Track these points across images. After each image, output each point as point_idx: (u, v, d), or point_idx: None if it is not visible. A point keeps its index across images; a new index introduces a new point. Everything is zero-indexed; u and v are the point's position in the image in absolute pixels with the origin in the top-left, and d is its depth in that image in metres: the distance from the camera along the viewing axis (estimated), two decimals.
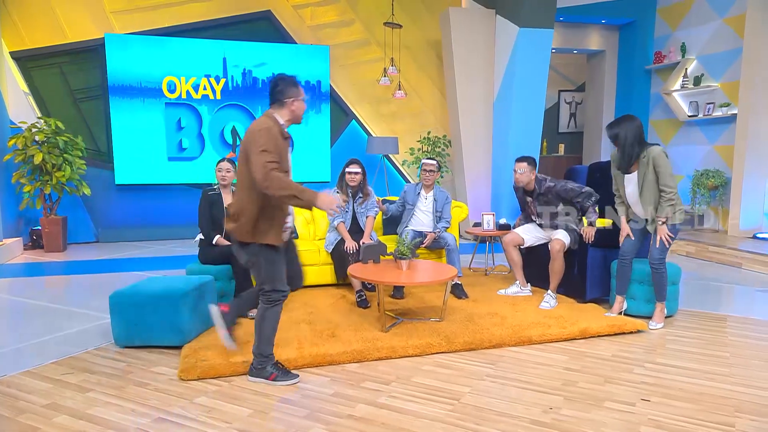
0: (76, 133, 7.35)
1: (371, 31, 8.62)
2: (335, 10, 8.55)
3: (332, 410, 2.71)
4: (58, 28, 7.48)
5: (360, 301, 4.39)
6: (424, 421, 2.61)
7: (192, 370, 3.07)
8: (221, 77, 7.97)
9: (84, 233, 7.73)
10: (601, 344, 3.70)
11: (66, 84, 7.62)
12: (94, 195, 7.56)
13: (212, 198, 4.32)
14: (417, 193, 5.04)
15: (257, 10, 8.20)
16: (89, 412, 2.66)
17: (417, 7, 8.78)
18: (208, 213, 4.28)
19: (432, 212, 4.98)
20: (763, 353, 3.53)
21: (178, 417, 2.62)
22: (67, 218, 7.26)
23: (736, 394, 2.91)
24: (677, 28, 8.26)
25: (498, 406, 2.78)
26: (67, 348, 3.55)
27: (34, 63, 7.47)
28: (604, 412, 2.72)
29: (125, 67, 7.55)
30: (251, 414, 2.65)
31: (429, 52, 8.93)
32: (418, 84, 8.95)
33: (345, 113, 8.78)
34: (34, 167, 6.76)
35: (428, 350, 3.49)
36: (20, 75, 7.43)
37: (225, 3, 8.03)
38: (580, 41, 9.25)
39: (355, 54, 8.69)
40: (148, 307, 3.42)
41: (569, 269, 4.62)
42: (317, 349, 3.39)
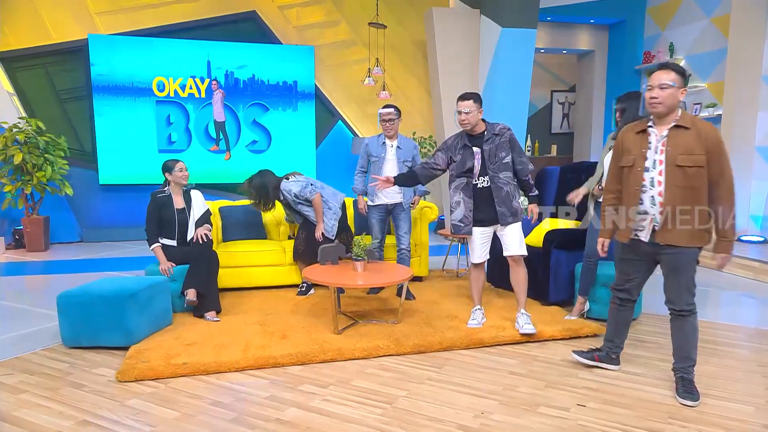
0: (60, 133, 7.41)
1: (357, 31, 8.60)
2: (321, 10, 8.54)
3: (261, 414, 2.69)
4: (43, 28, 7.53)
5: (301, 291, 4.73)
6: (350, 425, 2.59)
7: (130, 372, 3.06)
8: (205, 78, 7.99)
9: (68, 233, 7.78)
10: (555, 348, 3.65)
11: (51, 84, 7.68)
12: (79, 195, 7.61)
13: (161, 200, 4.30)
14: (381, 144, 4.62)
15: (242, 11, 8.21)
16: (15, 414, 2.66)
17: (403, 7, 8.75)
18: (156, 216, 4.26)
19: (398, 161, 4.59)
20: (715, 358, 3.47)
21: (104, 420, 2.61)
22: (49, 218, 7.31)
23: (675, 400, 2.85)
24: (666, 28, 8.16)
25: (429, 410, 2.75)
26: (17, 348, 3.56)
27: (19, 63, 7.53)
28: (535, 418, 2.68)
29: (110, 67, 7.60)
30: (178, 417, 2.65)
31: (416, 53, 8.90)
32: (405, 84, 8.92)
33: (331, 114, 8.78)
34: (15, 167, 6.81)
35: (375, 353, 3.47)
36: (5, 75, 7.49)
37: (210, 3, 8.05)
38: (569, 41, 9.17)
39: (341, 54, 8.68)
40: (94, 308, 3.42)
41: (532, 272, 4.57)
42: (262, 351, 3.38)
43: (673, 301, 2.88)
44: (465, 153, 3.74)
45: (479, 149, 3.70)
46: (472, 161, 3.71)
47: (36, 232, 7.07)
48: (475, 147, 3.71)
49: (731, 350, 3.64)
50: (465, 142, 3.75)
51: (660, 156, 2.78)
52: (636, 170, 2.86)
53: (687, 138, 2.72)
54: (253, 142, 8.32)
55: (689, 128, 2.73)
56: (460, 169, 3.72)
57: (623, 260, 3.09)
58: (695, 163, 2.70)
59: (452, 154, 3.77)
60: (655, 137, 2.81)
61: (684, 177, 2.73)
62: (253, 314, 4.15)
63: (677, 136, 2.74)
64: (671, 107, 2.74)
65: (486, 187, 3.71)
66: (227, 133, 8.20)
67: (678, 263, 2.82)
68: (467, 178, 3.73)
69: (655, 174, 2.80)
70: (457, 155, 3.74)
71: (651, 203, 2.83)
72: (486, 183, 3.71)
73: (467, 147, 3.72)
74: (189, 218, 4.34)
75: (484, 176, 3.72)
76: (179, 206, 4.32)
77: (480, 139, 3.73)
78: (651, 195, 2.82)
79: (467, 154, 3.74)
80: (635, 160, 2.86)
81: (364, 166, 4.73)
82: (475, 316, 3.95)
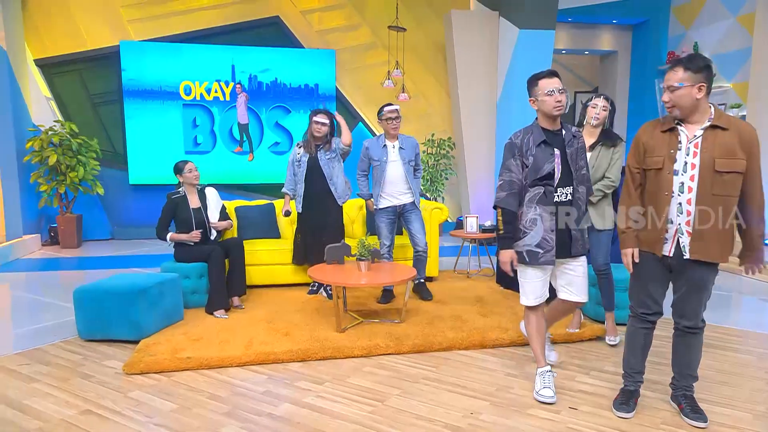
0: (92, 135, 7.67)
1: (378, 34, 8.62)
2: (342, 14, 8.60)
3: (254, 408, 2.74)
4: (78, 36, 7.80)
5: (312, 290, 4.76)
6: (340, 422, 2.61)
7: (136, 365, 3.15)
8: (230, 81, 8.15)
9: (99, 230, 8.04)
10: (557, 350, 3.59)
11: (85, 89, 7.95)
12: (110, 194, 7.87)
13: (176, 201, 4.39)
14: (382, 146, 4.41)
15: (266, 16, 8.33)
16: (25, 402, 2.78)
17: (423, 10, 8.73)
18: (170, 217, 4.36)
19: (403, 162, 4.41)
20: (720, 363, 3.36)
21: (105, 410, 2.70)
22: (82, 216, 7.57)
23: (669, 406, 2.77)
24: (690, 27, 7.91)
25: (419, 409, 2.74)
26: (38, 339, 3.71)
27: (56, 69, 7.83)
28: (524, 419, 2.65)
29: (139, 72, 7.82)
30: (174, 409, 2.71)
31: (435, 54, 8.87)
32: (425, 86, 8.90)
33: (352, 116, 8.82)
34: (50, 168, 7.08)
35: (375, 351, 3.47)
36: (43, 81, 7.79)
37: (235, 10, 8.20)
38: (591, 42, 8.99)
39: (361, 57, 8.72)
40: (106, 302, 3.53)
41: None
42: (265, 347, 3.43)
43: (688, 317, 2.57)
44: (540, 153, 2.75)
45: (559, 150, 2.78)
46: (551, 164, 2.73)
47: (69, 229, 7.33)
48: (556, 147, 2.77)
49: (739, 356, 3.51)
50: (541, 137, 2.76)
51: (693, 159, 2.42)
52: (665, 173, 2.48)
53: (726, 140, 2.38)
54: (276, 143, 8.44)
55: (727, 129, 2.39)
56: (533, 176, 2.74)
57: (643, 278, 2.64)
58: (735, 168, 2.37)
59: (522, 157, 2.78)
60: (686, 138, 2.45)
61: (721, 184, 2.38)
62: (261, 311, 4.22)
63: (714, 138, 2.39)
64: (689, 107, 2.41)
65: (566, 201, 2.78)
66: (251, 135, 8.34)
67: (703, 280, 2.51)
68: (545, 188, 2.74)
69: (686, 179, 2.43)
70: (528, 156, 2.76)
71: (678, 211, 2.47)
72: (566, 197, 2.78)
73: (546, 145, 2.75)
74: (206, 216, 4.43)
75: (567, 187, 2.78)
76: (194, 205, 4.41)
77: (559, 138, 2.79)
78: (679, 202, 2.46)
79: (544, 154, 2.74)
80: (664, 161, 2.48)
81: (365, 170, 4.58)
82: (546, 382, 2.83)
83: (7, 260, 6.44)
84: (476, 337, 3.68)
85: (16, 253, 6.69)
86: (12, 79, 7.03)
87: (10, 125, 6.90)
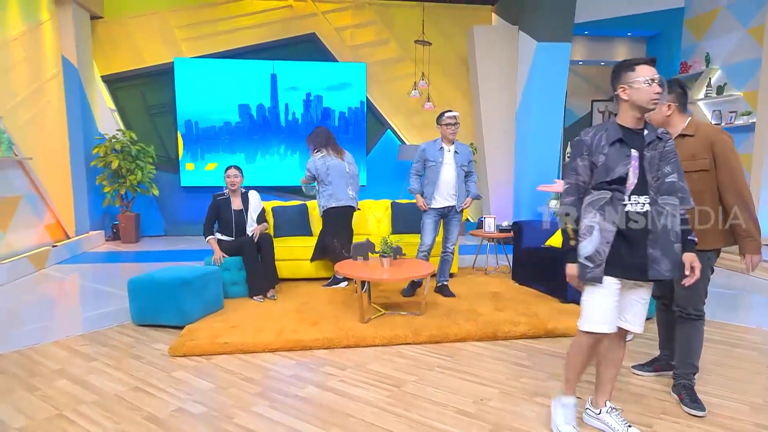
0: (149, 142, 7.92)
1: (405, 48, 8.62)
2: (373, 31, 8.62)
3: (283, 390, 2.78)
4: (139, 54, 8.06)
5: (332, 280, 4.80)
6: (359, 404, 2.63)
7: (180, 348, 3.25)
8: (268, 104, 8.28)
9: (155, 227, 8.28)
10: (565, 343, 3.52)
11: (144, 101, 8.20)
12: (163, 195, 8.11)
13: (221, 202, 4.50)
14: (439, 148, 4.38)
15: (303, 33, 8.43)
16: (85, 379, 2.89)
17: (448, 25, 8.68)
18: (215, 216, 4.48)
19: (456, 166, 4.39)
20: (723, 358, 3.24)
21: (151, 387, 2.79)
22: (140, 215, 7.82)
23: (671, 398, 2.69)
24: (702, 39, 7.63)
25: (433, 394, 2.74)
26: (98, 323, 3.86)
27: (119, 84, 8.10)
28: (531, 406, 2.62)
29: (190, 85, 8.03)
30: (212, 389, 2.78)
31: (459, 66, 8.80)
32: (449, 96, 8.84)
33: (381, 124, 8.84)
34: (113, 172, 7.34)
35: (395, 341, 3.48)
36: (108, 94, 8.08)
37: (275, 28, 8.33)
38: (607, 53, 8.77)
39: (390, 70, 8.72)
40: (156, 292, 3.65)
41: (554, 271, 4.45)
42: (294, 335, 3.48)
43: (682, 305, 2.66)
44: (614, 152, 2.17)
45: (637, 152, 2.19)
46: (625, 167, 2.16)
47: (129, 226, 7.58)
48: (633, 148, 2.18)
49: (742, 351, 3.38)
50: (617, 135, 2.18)
51: None
52: None
53: (690, 144, 2.59)
54: None
55: (693, 135, 2.61)
56: (602, 178, 2.19)
57: None
58: (699, 167, 2.56)
59: (591, 156, 2.23)
60: None
61: (691, 181, 2.49)
62: (292, 302, 4.28)
63: (682, 144, 2.60)
64: (660, 121, 2.62)
65: (641, 213, 2.17)
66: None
67: None
68: (613, 193, 2.18)
69: None
70: (599, 155, 2.19)
71: None
72: (642, 207, 2.17)
73: (621, 144, 2.18)
74: (246, 217, 4.52)
75: (642, 195, 2.17)
76: (236, 207, 4.51)
77: (640, 138, 2.19)
78: None
79: (618, 154, 2.17)
80: None
81: (420, 171, 4.48)
82: (569, 418, 2.35)
83: (76, 253, 6.71)
84: (490, 329, 3.64)
85: (83, 246, 6.97)
86: (82, 94, 7.31)
87: (80, 134, 7.19)
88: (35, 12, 6.40)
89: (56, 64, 6.87)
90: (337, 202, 4.68)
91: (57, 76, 6.87)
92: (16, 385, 2.81)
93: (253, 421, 2.45)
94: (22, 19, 6.08)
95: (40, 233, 6.28)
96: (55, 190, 6.68)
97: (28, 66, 6.18)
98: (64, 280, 5.34)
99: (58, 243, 6.49)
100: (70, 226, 7.02)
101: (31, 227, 6.10)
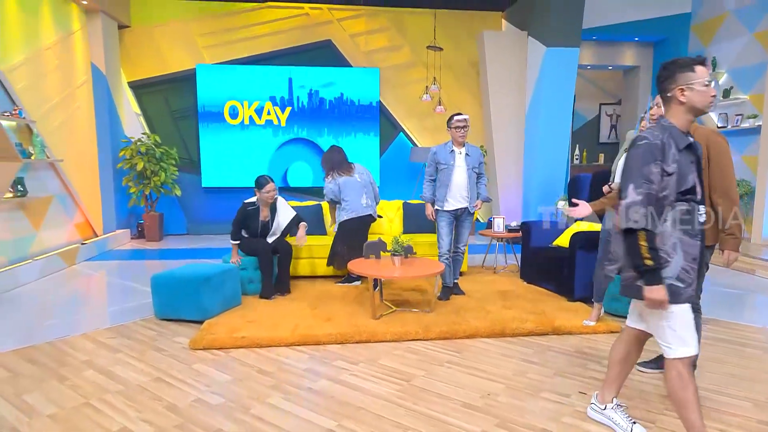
0: (172, 145, 8.02)
1: (417, 54, 8.61)
2: (386, 37, 8.63)
3: (296, 383, 2.80)
4: (163, 61, 8.17)
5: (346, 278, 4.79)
6: (369, 397, 2.64)
7: (200, 341, 3.29)
8: (287, 97, 8.33)
9: (177, 226, 8.38)
10: (571, 340, 3.50)
11: (167, 105, 8.31)
12: (186, 195, 8.20)
13: (250, 212, 4.42)
14: (450, 151, 4.28)
15: (319, 39, 8.46)
16: (111, 369, 2.95)
17: (459, 31, 8.65)
18: (241, 225, 4.44)
19: (467, 168, 4.29)
20: (729, 357, 3.18)
21: (172, 378, 2.83)
22: (163, 214, 7.93)
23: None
24: (709, 44, 7.49)
25: (442, 389, 2.74)
26: (123, 317, 3.92)
27: (144, 89, 8.22)
28: (536, 402, 2.60)
29: (211, 90, 8.12)
30: (229, 381, 2.81)
31: (469, 71, 8.76)
32: (460, 99, 8.81)
33: (394, 127, 8.84)
34: (138, 173, 7.45)
35: (405, 337, 3.48)
36: (134, 99, 8.20)
37: (292, 35, 8.37)
38: (614, 58, 8.65)
39: (403, 74, 8.72)
40: (177, 288, 3.70)
41: (560, 271, 4.41)
42: (308, 330, 3.50)
43: None
44: (683, 159, 1.96)
45: (695, 158, 2.02)
46: (693, 175, 1.98)
47: (153, 225, 7.69)
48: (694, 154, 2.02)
49: (748, 350, 3.32)
50: (685, 140, 1.97)
51: None
52: None
53: None
54: None
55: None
56: (678, 188, 1.95)
57: None
58: None
59: (663, 163, 1.94)
60: None
61: None
62: (307, 299, 4.30)
63: None
64: None
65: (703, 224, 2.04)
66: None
67: None
68: (689, 205, 1.97)
69: None
70: (672, 162, 1.94)
71: None
72: (704, 218, 2.04)
73: (687, 150, 1.98)
74: (272, 225, 4.49)
75: (703, 205, 2.04)
76: (264, 218, 4.46)
77: (693, 143, 2.02)
78: None
79: (685, 161, 1.97)
80: None
81: (433, 174, 4.38)
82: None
83: (103, 250, 6.83)
84: (498, 326, 3.63)
85: (110, 244, 7.08)
86: (110, 99, 7.43)
87: (108, 137, 7.31)
88: (67, 22, 6.53)
89: (86, 72, 6.99)
90: (350, 213, 4.67)
91: (87, 83, 7.00)
92: (47, 374, 2.87)
93: (268, 412, 2.47)
94: (54, 29, 6.21)
95: (70, 231, 6.40)
96: (85, 190, 6.80)
97: (60, 73, 6.31)
98: (92, 276, 5.44)
99: (86, 241, 6.61)
100: (98, 224, 7.14)
101: (62, 226, 6.22)
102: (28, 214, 5.50)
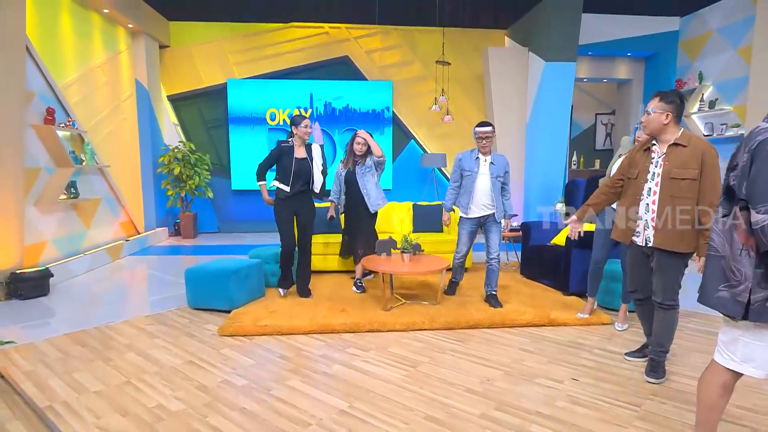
0: (205, 151, 8.13)
1: (427, 68, 8.59)
2: (399, 53, 8.63)
3: (313, 367, 2.83)
4: (198, 76, 8.29)
5: (357, 287, 4.36)
6: (379, 381, 2.65)
7: (227, 329, 3.33)
8: (308, 108, 8.39)
9: (210, 225, 8.49)
10: (566, 332, 3.47)
11: (201, 116, 8.42)
12: (217, 197, 8.30)
13: (285, 149, 4.00)
14: (475, 158, 3.96)
15: (338, 56, 8.51)
16: (148, 352, 3.01)
17: (465, 47, 8.62)
18: (273, 161, 4.04)
19: (491, 176, 3.93)
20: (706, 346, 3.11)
21: (202, 361, 2.88)
22: (197, 214, 8.04)
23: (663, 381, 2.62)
24: (696, 59, 7.35)
25: (445, 374, 2.74)
26: (160, 306, 4.00)
27: (181, 102, 8.34)
28: (531, 387, 2.58)
29: (240, 102, 8.21)
30: (253, 365, 2.85)
31: (475, 84, 8.73)
32: (466, 110, 8.78)
33: (405, 135, 8.84)
34: (175, 177, 7.57)
35: (413, 327, 3.49)
36: (172, 111, 8.33)
37: (313, 52, 8.43)
38: (609, 71, 8.53)
39: (414, 87, 8.72)
40: (208, 280, 3.75)
41: (556, 267, 4.37)
42: (324, 320, 3.52)
43: (656, 293, 2.65)
44: None
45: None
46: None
47: (188, 224, 7.80)
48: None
49: None
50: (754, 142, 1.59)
51: (658, 169, 2.60)
52: (638, 181, 2.68)
53: (683, 154, 2.53)
54: None
55: (686, 146, 2.54)
56: None
57: (629, 265, 2.83)
58: (687, 176, 2.50)
59: None
60: (657, 154, 2.63)
61: (677, 188, 2.52)
62: (324, 292, 4.32)
63: (674, 153, 2.56)
64: (657, 129, 2.58)
65: None
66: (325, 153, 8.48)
67: (664, 265, 2.59)
68: None
69: (652, 185, 2.62)
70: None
71: (645, 210, 2.64)
72: None
73: None
74: (312, 168, 4.08)
75: None
76: (300, 156, 4.03)
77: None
78: (646, 203, 2.63)
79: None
80: (639, 173, 2.68)
81: (458, 181, 4.04)
82: None
83: (144, 246, 6.95)
84: (498, 318, 3.61)
85: (150, 241, 7.21)
86: (151, 111, 7.57)
87: (149, 145, 7.44)
88: (114, 43, 6.66)
89: (131, 87, 7.13)
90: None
91: (131, 97, 7.13)
92: (95, 356, 2.94)
93: (287, 393, 2.50)
94: (104, 49, 6.34)
95: (115, 229, 6.53)
96: (128, 192, 6.93)
97: (108, 88, 6.44)
98: (134, 269, 5.54)
99: (130, 238, 6.74)
100: (140, 223, 7.27)
101: (109, 224, 6.35)
102: (79, 213, 5.63)
